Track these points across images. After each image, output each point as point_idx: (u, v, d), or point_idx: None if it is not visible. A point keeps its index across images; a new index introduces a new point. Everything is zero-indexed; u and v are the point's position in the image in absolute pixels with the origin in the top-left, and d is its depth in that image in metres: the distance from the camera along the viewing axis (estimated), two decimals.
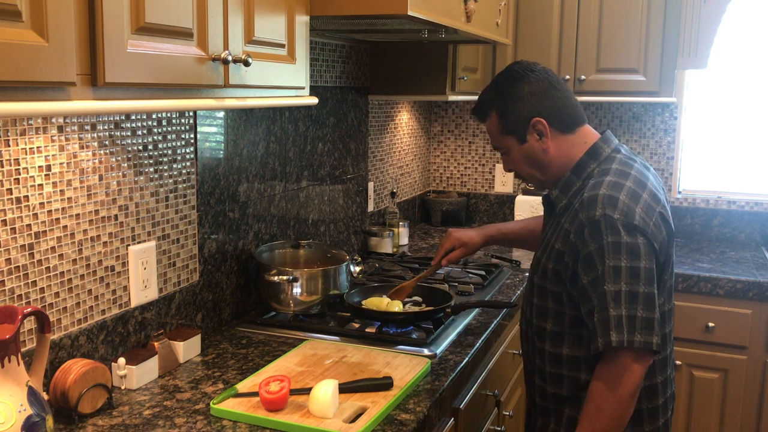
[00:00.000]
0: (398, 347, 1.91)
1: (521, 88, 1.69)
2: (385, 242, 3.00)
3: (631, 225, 1.51)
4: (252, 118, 2.18)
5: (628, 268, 1.49)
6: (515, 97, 1.69)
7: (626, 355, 1.49)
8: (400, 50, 2.92)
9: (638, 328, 1.48)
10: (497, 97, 1.73)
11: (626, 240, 1.49)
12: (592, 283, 1.52)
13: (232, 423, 1.49)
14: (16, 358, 1.20)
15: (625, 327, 1.47)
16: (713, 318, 2.88)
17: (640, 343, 1.47)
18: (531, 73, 1.71)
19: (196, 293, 1.96)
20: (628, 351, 1.48)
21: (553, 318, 1.65)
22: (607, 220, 1.51)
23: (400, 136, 3.44)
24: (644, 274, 1.49)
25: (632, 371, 1.49)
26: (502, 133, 1.74)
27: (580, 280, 1.54)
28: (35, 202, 1.47)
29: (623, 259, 1.49)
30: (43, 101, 1.01)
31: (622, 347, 1.48)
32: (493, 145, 1.80)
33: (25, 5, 0.96)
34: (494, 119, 1.74)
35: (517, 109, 1.69)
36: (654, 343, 1.48)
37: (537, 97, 1.68)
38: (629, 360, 1.48)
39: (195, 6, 1.29)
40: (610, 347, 1.48)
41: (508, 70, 1.76)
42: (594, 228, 1.52)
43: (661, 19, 3.05)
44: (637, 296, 1.48)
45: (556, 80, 1.72)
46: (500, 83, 1.75)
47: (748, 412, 2.89)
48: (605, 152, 1.68)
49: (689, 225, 3.49)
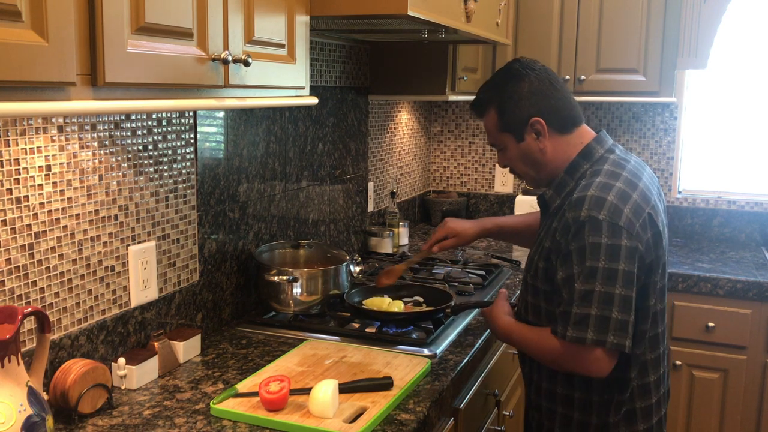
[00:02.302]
0: (398, 347, 1.91)
1: (521, 87, 1.69)
2: (385, 242, 3.00)
3: (615, 226, 1.51)
4: (252, 118, 2.18)
5: (605, 270, 1.50)
6: (515, 96, 1.69)
7: (598, 353, 1.51)
8: (400, 50, 2.92)
9: (611, 329, 1.49)
10: (497, 94, 1.73)
11: (606, 242, 1.50)
12: (565, 280, 1.54)
13: (232, 423, 1.49)
14: (16, 358, 1.20)
15: (594, 327, 1.49)
16: (713, 318, 2.88)
17: (611, 344, 1.49)
18: (531, 71, 1.71)
19: (196, 293, 1.96)
20: (600, 350, 1.51)
21: (546, 316, 1.66)
22: (592, 221, 1.52)
23: (400, 136, 3.44)
24: (622, 276, 1.50)
25: (601, 369, 1.53)
26: (500, 131, 1.74)
27: (558, 276, 1.56)
28: (35, 202, 1.47)
29: (601, 260, 1.50)
30: (43, 101, 1.01)
31: (583, 344, 1.50)
32: (489, 141, 1.80)
33: (25, 5, 0.96)
34: (493, 116, 1.74)
35: (516, 107, 1.69)
36: (627, 345, 1.50)
37: (537, 97, 1.68)
38: (600, 357, 1.52)
39: (195, 6, 1.29)
40: (563, 339, 1.53)
41: (508, 67, 1.76)
42: (578, 228, 1.53)
43: (661, 19, 3.05)
44: (613, 298, 1.49)
45: (555, 79, 1.72)
46: (500, 80, 1.75)
47: (748, 412, 2.89)
48: (598, 153, 1.68)
49: (689, 225, 3.49)
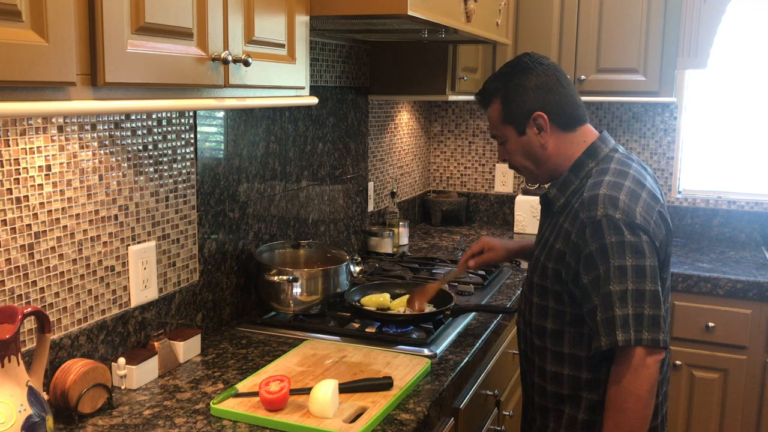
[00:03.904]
0: (398, 347, 1.91)
1: (528, 80, 1.70)
2: (385, 242, 3.00)
3: (633, 224, 1.51)
4: (252, 118, 2.18)
5: (634, 267, 1.49)
6: (521, 88, 1.70)
7: (638, 352, 1.49)
8: (400, 50, 2.92)
9: (645, 325, 1.48)
10: (503, 85, 1.73)
11: (630, 239, 1.50)
12: (592, 283, 1.52)
13: (232, 423, 1.49)
14: (16, 358, 1.20)
15: (631, 326, 1.48)
16: (713, 318, 2.88)
17: (648, 340, 1.48)
18: (539, 66, 1.71)
19: (196, 293, 1.96)
20: (639, 349, 1.49)
21: (553, 317, 1.66)
22: (609, 220, 1.51)
23: (400, 136, 3.44)
24: (650, 272, 1.50)
25: (647, 367, 1.49)
26: (503, 122, 1.74)
27: (581, 279, 1.55)
28: (35, 202, 1.47)
29: (628, 258, 1.49)
30: (43, 101, 1.01)
31: (629, 346, 1.48)
32: (491, 133, 1.81)
33: (25, 5, 0.96)
34: (497, 107, 1.74)
35: (521, 100, 1.70)
36: (661, 340, 1.49)
37: (542, 91, 1.69)
38: (642, 357, 1.49)
39: (195, 6, 1.29)
40: (617, 347, 1.49)
41: (517, 60, 1.76)
42: (596, 228, 1.53)
43: (661, 19, 3.04)
44: (644, 294, 1.49)
45: (563, 77, 1.73)
46: (508, 72, 1.75)
47: (748, 412, 2.89)
48: (603, 152, 1.69)
49: (689, 225, 3.49)
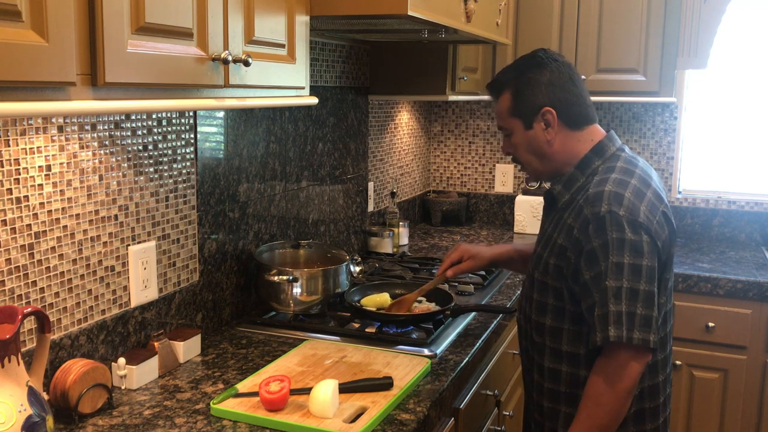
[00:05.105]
0: (398, 347, 1.91)
1: (542, 75, 1.70)
2: (385, 242, 3.00)
3: (636, 222, 1.51)
4: (252, 118, 2.18)
5: (631, 266, 1.49)
6: (533, 82, 1.70)
7: (625, 351, 1.49)
8: (400, 50, 2.92)
9: (637, 325, 1.48)
10: (516, 77, 1.74)
11: (630, 237, 1.50)
12: (594, 279, 1.53)
13: (232, 423, 1.49)
14: (16, 358, 1.20)
15: (624, 323, 1.48)
16: (713, 318, 2.88)
17: (638, 340, 1.48)
18: (554, 62, 1.72)
19: (196, 293, 1.96)
20: (626, 347, 1.49)
21: (552, 314, 1.66)
22: (613, 217, 1.52)
23: (400, 136, 3.44)
24: (646, 272, 1.50)
25: (630, 368, 1.49)
26: (511, 115, 1.74)
27: (583, 275, 1.55)
28: (35, 202, 1.47)
29: (626, 256, 1.50)
30: (43, 101, 1.01)
31: (620, 342, 1.48)
32: (498, 124, 1.81)
33: (25, 5, 0.96)
34: (507, 98, 1.75)
35: (531, 94, 1.70)
36: (651, 341, 1.49)
37: (554, 88, 1.69)
38: (627, 356, 1.49)
39: (195, 6, 1.29)
40: (608, 342, 1.49)
41: (533, 55, 1.77)
42: (599, 224, 1.53)
43: (661, 19, 3.04)
44: (638, 293, 1.49)
45: (576, 76, 1.73)
46: (522, 65, 1.76)
47: (748, 412, 2.89)
48: (610, 150, 1.70)
49: (689, 225, 3.49)
